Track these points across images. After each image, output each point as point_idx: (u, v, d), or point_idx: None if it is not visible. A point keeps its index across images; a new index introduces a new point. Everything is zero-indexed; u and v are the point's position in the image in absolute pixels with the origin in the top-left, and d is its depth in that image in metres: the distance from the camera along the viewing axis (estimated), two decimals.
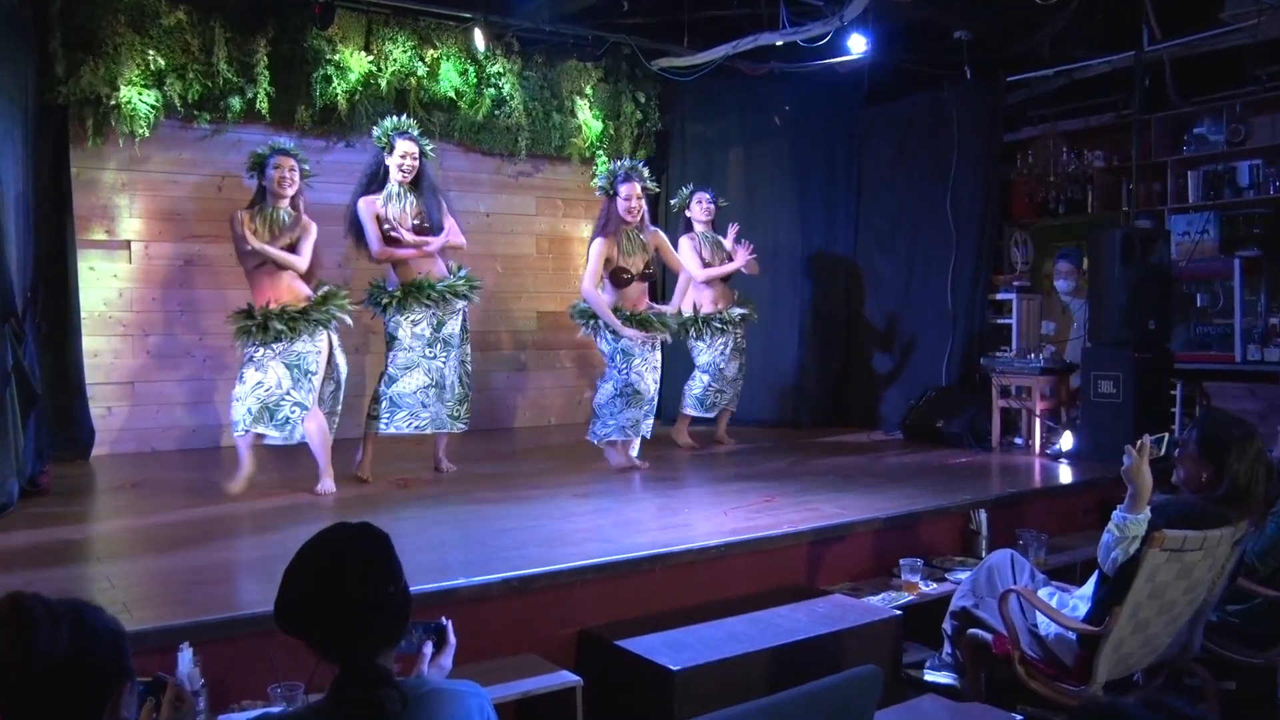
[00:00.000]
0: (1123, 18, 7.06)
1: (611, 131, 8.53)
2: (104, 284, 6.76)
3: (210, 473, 5.79)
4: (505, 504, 5.23)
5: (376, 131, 5.90)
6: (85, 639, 1.69)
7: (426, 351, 5.82)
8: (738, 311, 7.25)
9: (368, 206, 5.79)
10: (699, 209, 7.27)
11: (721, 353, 7.16)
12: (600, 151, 8.51)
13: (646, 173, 6.31)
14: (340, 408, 5.68)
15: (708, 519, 4.78)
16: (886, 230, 8.31)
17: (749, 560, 4.33)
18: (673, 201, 7.38)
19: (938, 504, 5.07)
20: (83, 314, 6.59)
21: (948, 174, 7.72)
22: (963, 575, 4.29)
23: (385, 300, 5.79)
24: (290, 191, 5.42)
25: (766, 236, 8.11)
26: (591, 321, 6.27)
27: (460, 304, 5.93)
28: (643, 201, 6.23)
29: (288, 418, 5.35)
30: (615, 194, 6.17)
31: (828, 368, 8.51)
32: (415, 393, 5.81)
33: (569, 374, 8.78)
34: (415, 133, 5.92)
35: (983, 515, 4.97)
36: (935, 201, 7.83)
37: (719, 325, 7.15)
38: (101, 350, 6.76)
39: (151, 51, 6.53)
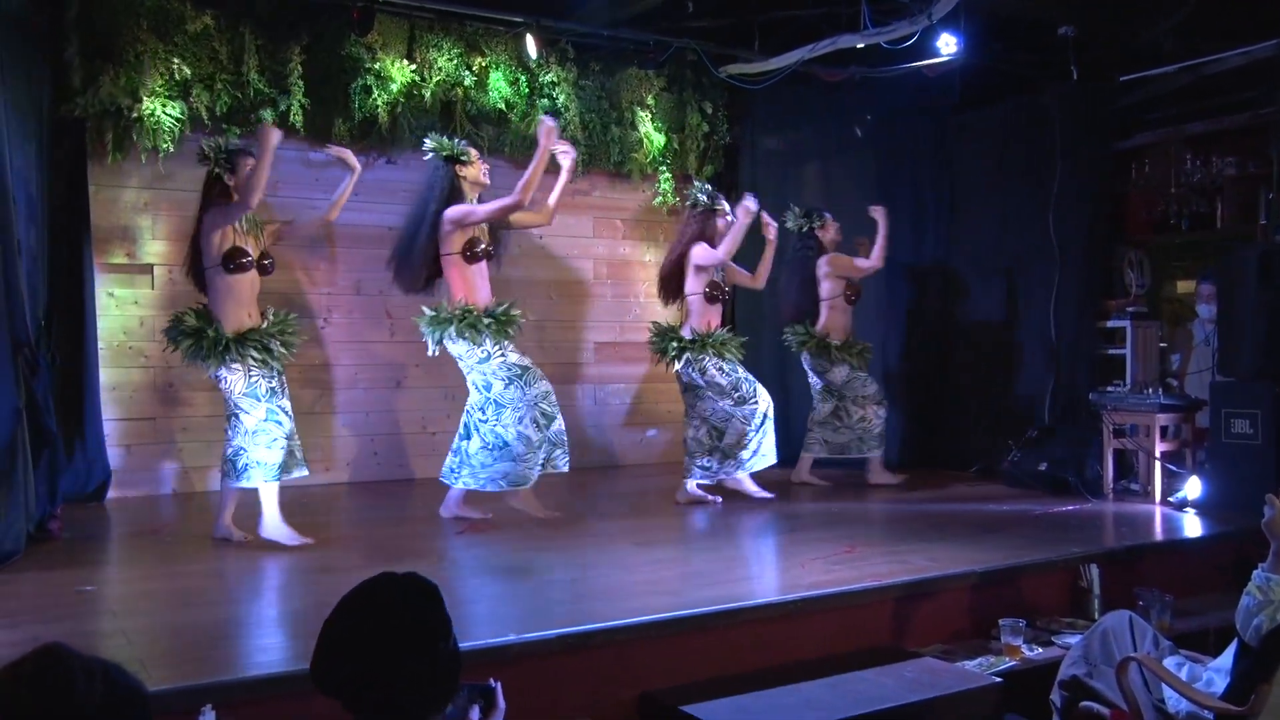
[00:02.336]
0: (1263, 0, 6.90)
1: (675, 145, 8.55)
2: (124, 312, 6.86)
3: (239, 518, 5.82)
4: (559, 553, 5.25)
5: (432, 144, 5.93)
6: (116, 697, 1.70)
7: (527, 393, 5.85)
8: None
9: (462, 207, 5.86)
10: (834, 230, 7.41)
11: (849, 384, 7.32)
12: (663, 167, 8.53)
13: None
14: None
15: (782, 571, 4.82)
16: (981, 250, 8.24)
17: (828, 618, 4.30)
18: (788, 224, 7.42)
19: (1043, 557, 5.00)
20: (100, 344, 6.68)
21: (1050, 187, 7.62)
22: (1073, 639, 4.22)
23: (483, 324, 5.80)
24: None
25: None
26: (686, 350, 6.52)
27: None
28: None
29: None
30: (715, 210, 6.73)
31: (916, 403, 8.45)
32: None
33: (628, 412, 8.76)
34: None
35: (1095, 571, 4.89)
36: (1036, 218, 7.74)
37: (844, 355, 7.33)
38: (120, 384, 6.85)
39: (176, 60, 6.63)
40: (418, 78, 7.40)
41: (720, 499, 6.57)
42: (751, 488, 6.78)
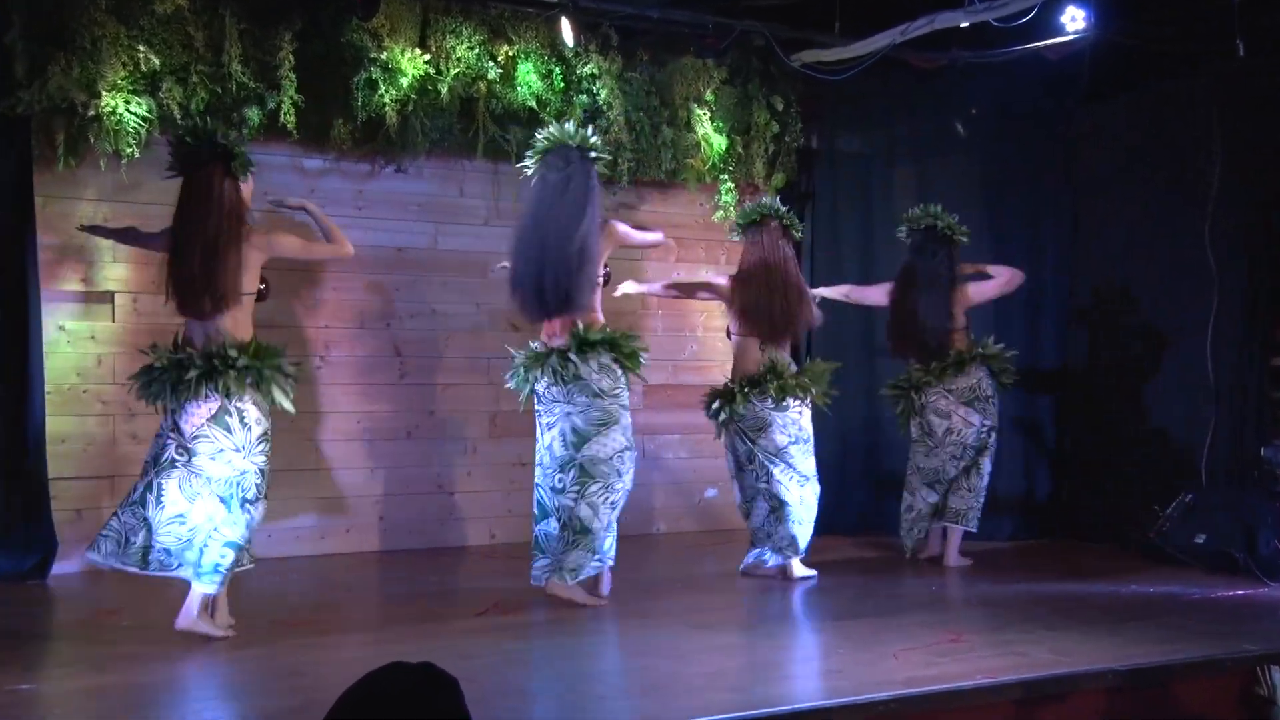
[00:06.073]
0: None
1: (739, 149, 8.54)
2: (78, 348, 6.86)
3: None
4: (601, 638, 5.36)
5: (553, 136, 6.03)
6: None
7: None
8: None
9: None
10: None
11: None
12: (725, 175, 8.50)
13: None
14: None
15: (871, 663, 4.75)
16: (1115, 271, 8.21)
17: None
18: (900, 234, 7.49)
19: (1205, 654, 4.90)
20: (48, 387, 6.64)
21: (1206, 191, 7.52)
22: None
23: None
24: None
25: None
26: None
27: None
28: None
29: None
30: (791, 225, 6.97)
31: (1034, 459, 8.42)
32: None
33: (684, 466, 8.72)
34: None
35: (1277, 675, 4.69)
36: (1187, 229, 7.65)
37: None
38: (71, 434, 6.83)
39: (143, 47, 6.59)
40: (432, 70, 7.39)
41: None
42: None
